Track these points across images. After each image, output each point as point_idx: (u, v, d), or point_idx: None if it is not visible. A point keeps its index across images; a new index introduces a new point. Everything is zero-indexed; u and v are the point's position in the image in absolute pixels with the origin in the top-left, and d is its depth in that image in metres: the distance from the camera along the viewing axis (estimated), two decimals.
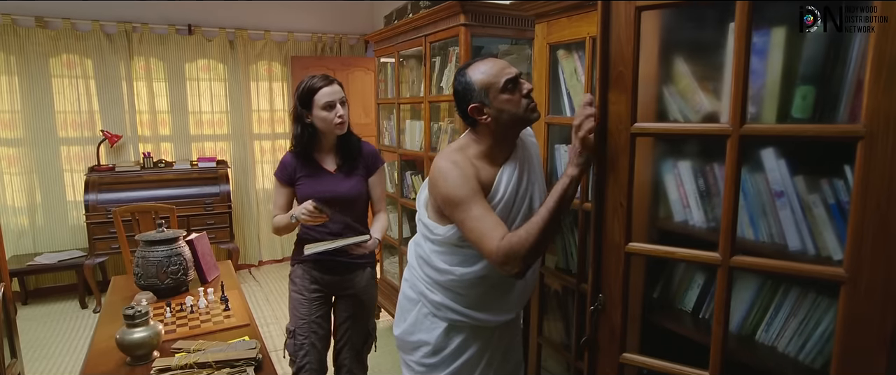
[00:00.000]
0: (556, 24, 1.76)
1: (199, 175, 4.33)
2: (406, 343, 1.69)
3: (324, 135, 1.98)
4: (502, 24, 2.43)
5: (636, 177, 1.21)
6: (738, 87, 1.03)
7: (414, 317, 1.66)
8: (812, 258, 1.09)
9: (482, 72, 1.45)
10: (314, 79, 1.91)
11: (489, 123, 1.46)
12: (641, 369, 1.31)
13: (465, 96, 1.47)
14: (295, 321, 2.05)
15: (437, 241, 1.56)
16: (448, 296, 1.57)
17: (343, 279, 2.08)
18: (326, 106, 1.89)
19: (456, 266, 1.54)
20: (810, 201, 1.09)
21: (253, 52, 4.73)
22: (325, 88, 1.90)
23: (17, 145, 4.09)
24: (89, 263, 3.89)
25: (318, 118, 1.91)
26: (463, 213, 1.40)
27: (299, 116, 1.94)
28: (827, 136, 1.01)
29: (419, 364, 1.66)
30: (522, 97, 1.45)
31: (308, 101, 1.90)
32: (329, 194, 1.94)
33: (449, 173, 1.43)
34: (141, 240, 2.30)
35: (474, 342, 1.61)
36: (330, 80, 1.92)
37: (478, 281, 1.53)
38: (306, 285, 2.05)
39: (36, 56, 4.03)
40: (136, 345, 1.66)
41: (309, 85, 1.91)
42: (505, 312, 1.60)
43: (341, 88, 1.95)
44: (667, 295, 1.49)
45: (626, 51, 1.16)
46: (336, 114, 1.91)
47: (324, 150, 2.02)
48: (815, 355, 1.16)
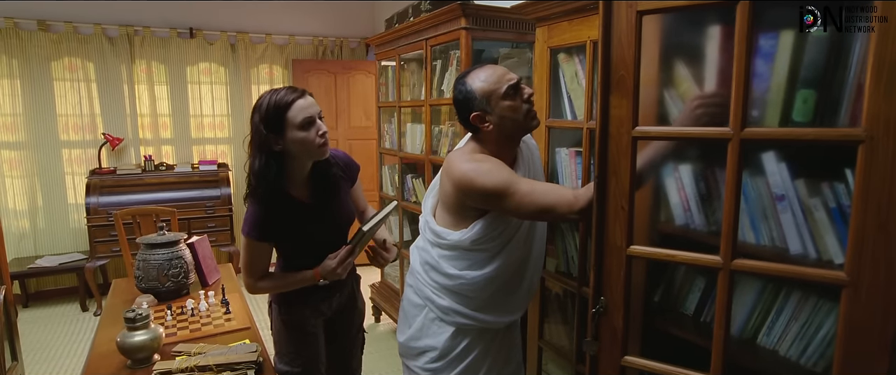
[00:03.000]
0: (557, 28, 1.76)
1: (200, 178, 4.34)
2: (411, 349, 1.69)
3: (296, 162, 1.55)
4: (503, 28, 2.44)
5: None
6: (739, 91, 1.03)
7: (420, 323, 1.66)
8: (813, 261, 1.09)
9: (482, 80, 1.45)
10: (280, 93, 1.48)
11: (491, 130, 1.47)
12: (643, 372, 1.31)
13: (466, 105, 1.48)
14: (300, 361, 1.72)
15: (447, 246, 1.56)
16: (456, 300, 1.58)
17: (351, 290, 1.87)
18: (304, 123, 1.47)
19: (466, 270, 1.54)
20: (811, 205, 1.09)
21: (254, 55, 4.74)
22: (298, 101, 1.47)
23: (19, 148, 4.10)
24: (90, 266, 3.90)
25: (295, 141, 1.48)
26: (517, 195, 1.37)
27: (264, 144, 1.48)
28: (828, 140, 1.01)
29: (424, 369, 1.66)
30: (523, 102, 1.46)
31: (278, 122, 1.46)
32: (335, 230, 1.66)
33: (480, 169, 1.42)
34: (142, 243, 2.30)
35: (479, 344, 1.62)
36: (299, 91, 1.51)
37: (488, 282, 1.54)
38: (313, 322, 1.74)
39: (38, 59, 4.04)
40: (137, 348, 1.66)
41: (275, 100, 1.46)
42: (511, 313, 1.62)
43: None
44: (668, 298, 1.48)
45: (627, 54, 1.16)
46: (318, 133, 1.49)
47: (295, 181, 1.59)
48: (816, 359, 1.15)
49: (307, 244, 1.65)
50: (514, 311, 1.63)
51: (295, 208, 1.59)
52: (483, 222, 1.50)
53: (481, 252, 1.53)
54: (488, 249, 1.53)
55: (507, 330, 1.70)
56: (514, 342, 1.77)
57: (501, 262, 1.54)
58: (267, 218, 1.55)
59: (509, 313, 1.62)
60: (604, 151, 1.23)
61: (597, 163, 1.25)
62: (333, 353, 1.86)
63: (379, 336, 3.53)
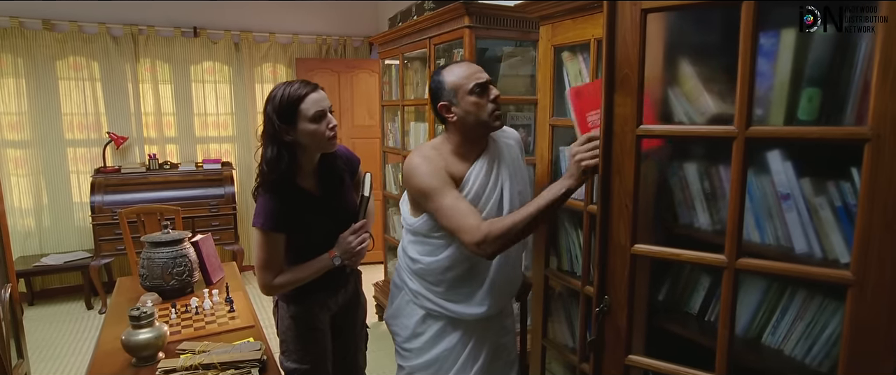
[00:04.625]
0: (561, 26, 1.76)
1: (204, 176, 4.35)
2: (390, 326, 1.85)
3: (305, 154, 1.60)
4: (506, 26, 2.43)
5: (641, 180, 1.21)
6: (744, 89, 1.03)
7: (397, 303, 1.81)
8: (819, 261, 1.09)
9: (454, 75, 1.57)
10: (294, 86, 1.54)
11: (456, 122, 1.58)
12: (647, 371, 1.31)
13: (436, 94, 1.59)
14: (309, 358, 1.73)
15: (411, 230, 1.69)
16: (422, 284, 1.70)
17: (354, 286, 1.90)
18: (316, 116, 1.53)
19: (424, 255, 1.66)
20: (817, 203, 1.08)
21: (258, 54, 4.75)
22: (311, 95, 1.53)
23: (25, 147, 4.11)
24: (95, 264, 3.91)
25: (306, 133, 1.53)
26: (437, 202, 1.51)
27: (276, 135, 1.53)
28: (833, 139, 1.01)
29: (401, 348, 1.80)
30: (489, 102, 1.55)
31: (291, 114, 1.52)
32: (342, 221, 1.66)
33: (421, 166, 1.55)
34: (146, 242, 2.31)
35: (452, 332, 1.70)
36: (312, 86, 1.57)
37: (443, 270, 1.64)
38: (321, 317, 1.76)
39: (43, 58, 4.05)
40: (142, 346, 1.67)
41: (289, 93, 1.52)
42: (477, 306, 1.66)
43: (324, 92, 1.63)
44: (672, 297, 1.48)
45: (631, 53, 1.15)
46: (328, 126, 1.55)
47: (304, 172, 1.64)
48: (821, 358, 1.15)
49: (316, 235, 1.65)
50: (481, 305, 1.66)
51: (304, 198, 1.63)
52: (428, 212, 1.60)
53: (437, 239, 1.63)
54: (441, 237, 1.62)
55: (488, 326, 1.73)
56: (503, 340, 1.79)
57: (453, 252, 1.61)
58: (279, 208, 1.57)
59: (475, 306, 1.65)
60: (608, 150, 1.23)
61: (600, 162, 1.25)
62: (338, 349, 1.88)
63: (383, 334, 3.52)
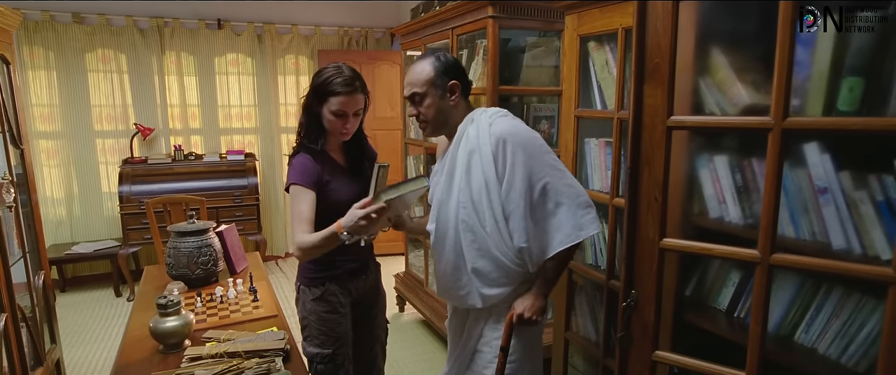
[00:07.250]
0: (588, 16, 1.72)
1: (228, 167, 4.41)
2: None
3: (330, 133, 1.76)
4: (531, 16, 2.40)
5: (671, 172, 1.18)
6: (781, 79, 0.99)
7: None
8: (858, 257, 1.05)
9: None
10: (336, 80, 1.64)
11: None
12: (671, 367, 1.29)
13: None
14: (331, 342, 1.78)
15: None
16: None
17: (375, 278, 1.94)
18: (337, 112, 1.66)
19: None
20: (857, 198, 1.04)
21: (280, 46, 4.78)
22: (342, 97, 1.63)
23: (56, 138, 4.22)
24: (123, 253, 4.00)
25: (325, 118, 1.69)
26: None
27: (310, 105, 1.71)
28: (876, 130, 0.97)
29: None
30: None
31: (321, 98, 1.67)
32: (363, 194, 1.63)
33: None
34: (172, 231, 2.34)
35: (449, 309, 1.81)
36: (352, 87, 1.64)
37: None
38: (342, 301, 1.81)
39: (73, 51, 4.14)
40: (169, 334, 1.70)
41: (326, 81, 1.64)
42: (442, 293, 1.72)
43: (365, 95, 1.70)
44: (700, 292, 1.45)
45: (663, 42, 1.12)
46: (343, 124, 1.68)
47: (332, 146, 1.79)
48: (859, 358, 1.11)
49: (338, 203, 1.65)
50: (443, 293, 1.70)
51: (333, 165, 1.76)
52: None
53: None
54: None
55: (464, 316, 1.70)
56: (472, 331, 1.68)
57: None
58: (312, 166, 1.70)
59: (441, 292, 1.72)
60: (637, 141, 1.20)
61: (629, 154, 1.22)
62: (358, 340, 1.89)
63: (403, 326, 3.55)
